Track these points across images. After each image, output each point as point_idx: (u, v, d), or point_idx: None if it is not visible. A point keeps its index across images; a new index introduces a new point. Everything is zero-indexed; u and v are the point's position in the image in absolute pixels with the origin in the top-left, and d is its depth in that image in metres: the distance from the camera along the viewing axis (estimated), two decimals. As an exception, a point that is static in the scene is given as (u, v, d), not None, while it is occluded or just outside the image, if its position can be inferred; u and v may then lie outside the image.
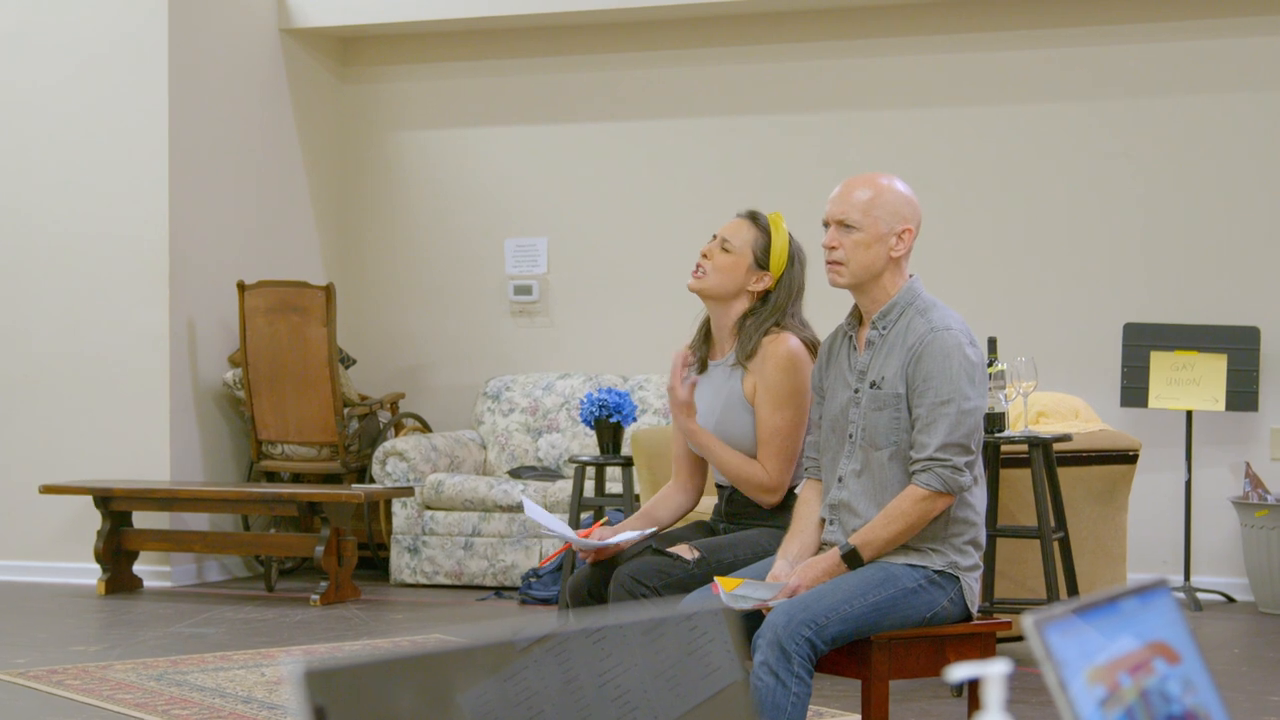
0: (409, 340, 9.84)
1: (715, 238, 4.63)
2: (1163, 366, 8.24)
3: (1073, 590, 6.20)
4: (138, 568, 8.74)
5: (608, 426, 7.43)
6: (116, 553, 8.60)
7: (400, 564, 8.86)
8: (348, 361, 9.41)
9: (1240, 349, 8.19)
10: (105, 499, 8.54)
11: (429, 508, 8.83)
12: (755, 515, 4.57)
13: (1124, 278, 8.58)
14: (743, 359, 4.53)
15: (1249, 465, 8.12)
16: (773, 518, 4.54)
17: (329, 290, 8.89)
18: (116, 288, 8.89)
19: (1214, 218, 8.48)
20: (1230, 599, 8.25)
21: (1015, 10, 8.77)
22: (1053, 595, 6.03)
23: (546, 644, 1.64)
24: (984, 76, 8.83)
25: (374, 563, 9.16)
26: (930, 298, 4.17)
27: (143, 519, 8.75)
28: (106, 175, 8.91)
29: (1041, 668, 1.64)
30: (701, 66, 9.30)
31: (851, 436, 4.15)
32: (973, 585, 4.13)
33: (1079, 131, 8.68)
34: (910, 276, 4.19)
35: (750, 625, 3.99)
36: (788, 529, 4.33)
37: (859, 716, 4.60)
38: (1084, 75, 8.68)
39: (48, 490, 8.59)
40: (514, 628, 1.64)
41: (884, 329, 4.14)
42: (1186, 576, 8.18)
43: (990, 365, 5.98)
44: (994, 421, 5.99)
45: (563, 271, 9.54)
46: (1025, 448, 6.16)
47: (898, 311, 4.14)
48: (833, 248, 4.15)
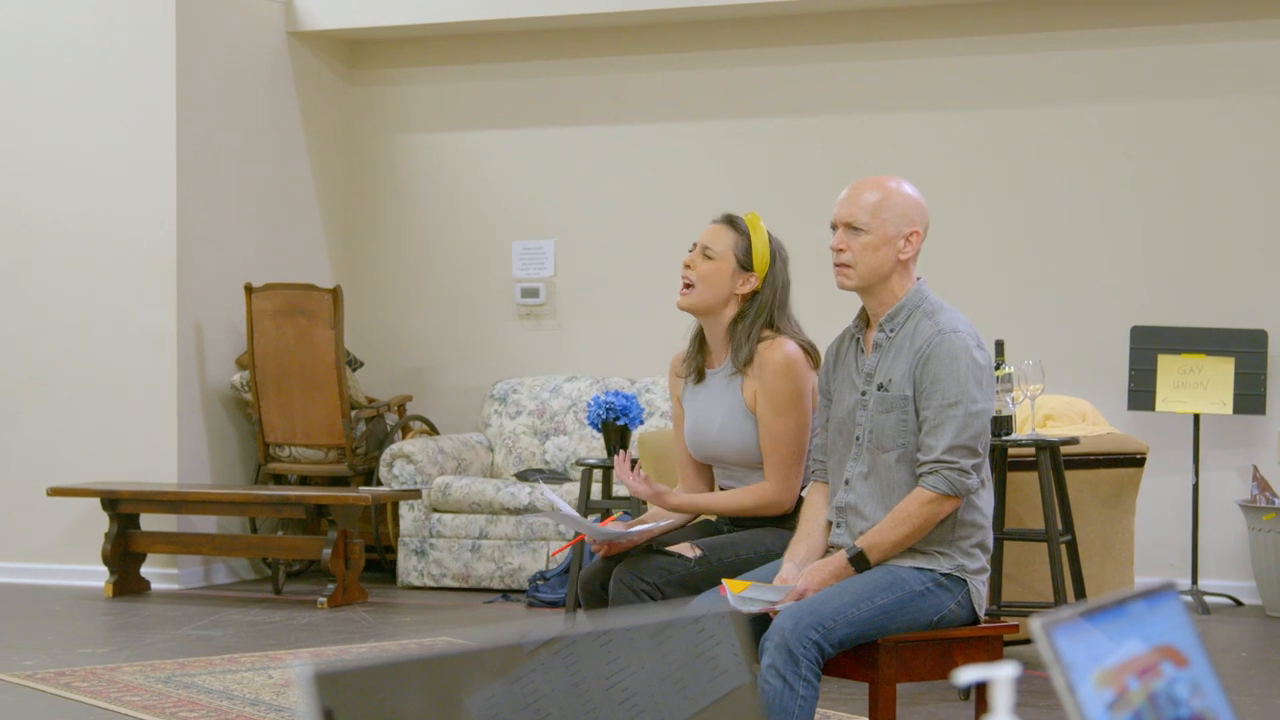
0: (416, 343, 9.85)
1: (695, 246, 4.61)
2: (1170, 370, 8.23)
3: (1080, 593, 6.19)
4: (145, 570, 8.74)
5: (615, 429, 7.43)
6: (124, 555, 8.61)
7: (407, 567, 8.86)
8: (355, 364, 9.41)
9: (1248, 352, 8.18)
10: (113, 501, 8.54)
11: (436, 510, 8.83)
12: (759, 518, 4.57)
13: (1131, 281, 8.57)
14: (740, 366, 4.52)
15: (1256, 468, 8.11)
16: (775, 518, 4.54)
17: (336, 293, 8.90)
18: (124, 290, 8.90)
19: (1222, 221, 8.48)
20: (1238, 602, 8.24)
21: (1020, 14, 8.77)
22: (1060, 598, 6.02)
23: (554, 647, 1.64)
24: (989, 80, 8.83)
25: (381, 565, 9.16)
26: (938, 300, 4.17)
27: (150, 521, 8.76)
28: (114, 178, 8.92)
29: (1049, 671, 1.64)
30: (708, 70, 9.30)
31: (859, 439, 4.15)
32: (980, 588, 4.13)
33: (1086, 135, 8.68)
34: (918, 279, 4.19)
35: (758, 628, 3.98)
36: (791, 528, 4.33)
37: (866, 719, 4.59)
38: (1090, 79, 8.68)
39: (55, 493, 8.60)
40: (521, 630, 1.64)
41: (891, 331, 4.14)
42: (1194, 580, 8.17)
43: (997, 368, 5.97)
44: (1001, 424, 5.99)
45: (570, 274, 9.54)
46: (1032, 451, 6.16)
47: (905, 314, 4.14)
48: (840, 250, 4.15)
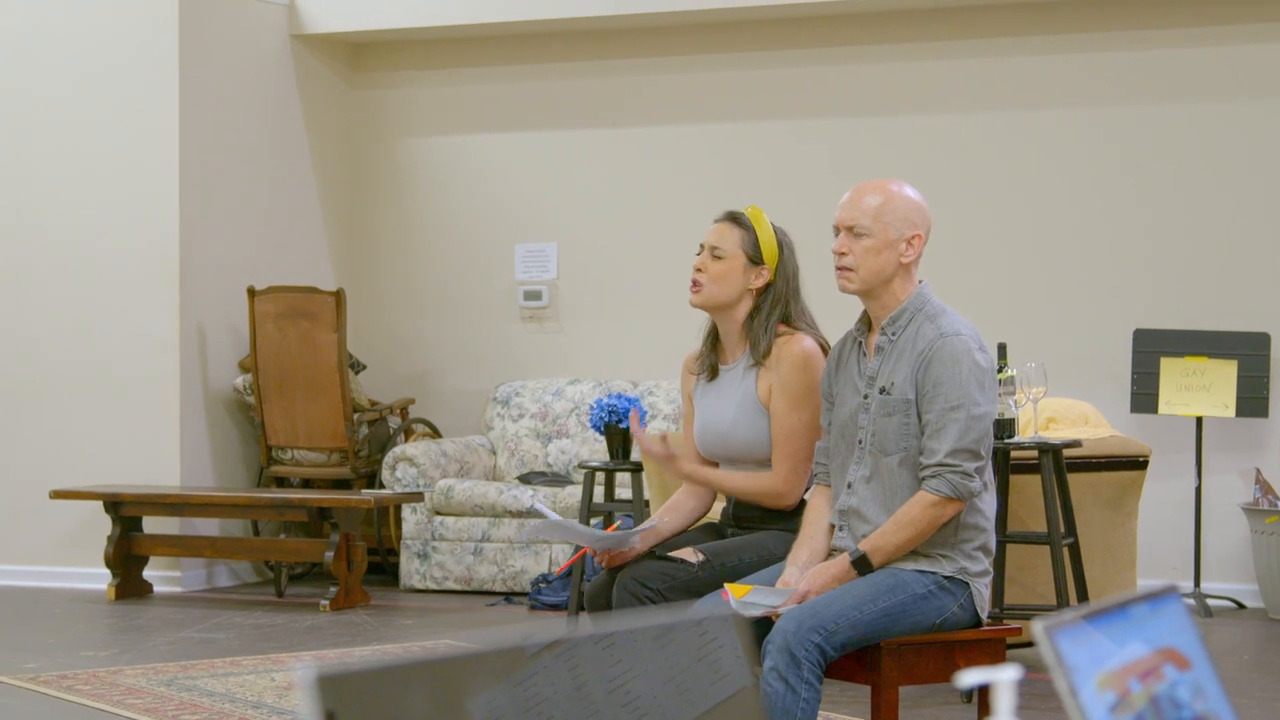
0: (419, 345, 9.85)
1: (703, 248, 4.61)
2: (1173, 372, 8.23)
3: (1083, 596, 6.19)
4: (148, 573, 8.75)
5: (617, 432, 7.43)
6: (126, 558, 8.61)
7: (410, 569, 8.86)
8: (357, 367, 9.41)
9: (1251, 355, 8.18)
10: (115, 504, 8.54)
11: (439, 513, 8.83)
12: (763, 518, 4.56)
13: (1134, 283, 8.57)
14: (758, 359, 4.52)
15: (1259, 471, 8.11)
16: (779, 521, 4.53)
17: (339, 296, 8.90)
18: (127, 293, 8.90)
19: (1225, 223, 8.47)
20: (1240, 605, 8.24)
21: (1023, 17, 8.77)
22: (1063, 601, 6.02)
23: (556, 649, 1.64)
24: (992, 83, 8.83)
25: (384, 568, 9.16)
26: (939, 303, 4.17)
27: (153, 524, 8.76)
28: (117, 181, 8.92)
29: (1052, 674, 1.64)
30: (711, 72, 9.31)
31: (861, 442, 4.15)
32: (982, 591, 4.13)
33: (1089, 138, 8.68)
34: (920, 282, 4.19)
35: (760, 631, 3.98)
36: (794, 532, 4.33)
37: (869, 722, 4.59)
38: (1093, 82, 8.68)
39: (58, 495, 8.60)
40: (524, 633, 1.64)
41: (893, 335, 4.14)
42: (1196, 583, 8.17)
43: (1000, 371, 5.97)
44: (1004, 427, 5.99)
45: (572, 277, 9.54)
46: (1035, 454, 6.16)
47: (907, 317, 4.14)
48: (843, 253, 4.15)
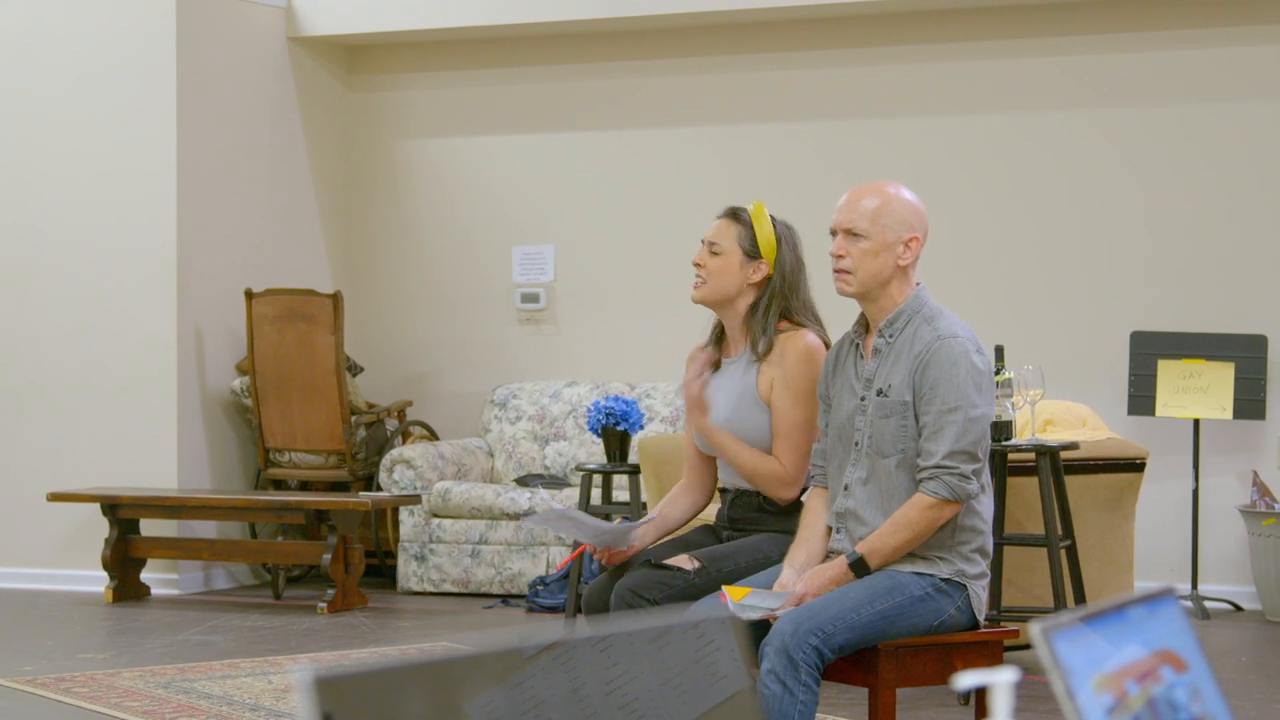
0: (416, 348, 9.85)
1: (703, 244, 4.64)
2: (1170, 375, 8.23)
3: (1080, 598, 6.19)
4: (145, 575, 8.74)
5: (615, 434, 7.43)
6: (124, 560, 8.61)
7: (407, 572, 8.86)
8: (355, 369, 9.41)
9: (1248, 357, 8.18)
10: (113, 507, 8.54)
11: (436, 515, 8.83)
12: (758, 520, 4.56)
13: (1131, 286, 8.57)
14: (760, 355, 4.53)
15: (1256, 474, 8.11)
16: (775, 523, 4.53)
17: (336, 298, 8.90)
18: (124, 296, 8.90)
19: (1221, 226, 8.48)
20: (1237, 607, 8.24)
21: (1021, 19, 8.77)
22: (1060, 603, 6.02)
23: (554, 652, 1.64)
24: (990, 85, 8.83)
25: (381, 570, 9.16)
26: (937, 305, 4.17)
27: (150, 527, 8.76)
28: (114, 183, 8.92)
29: (1049, 676, 1.64)
30: (709, 74, 9.31)
31: (858, 444, 4.15)
32: (980, 593, 4.13)
33: (1086, 139, 8.68)
34: (917, 285, 4.19)
35: (757, 633, 3.98)
36: (789, 534, 4.33)
37: (866, 725, 4.59)
38: (1091, 83, 8.68)
39: (55, 498, 8.59)
40: (521, 635, 1.64)
41: (891, 337, 4.15)
42: (1194, 585, 8.17)
43: (997, 373, 5.97)
44: (1001, 430, 5.99)
45: (570, 279, 9.54)
46: (1032, 456, 6.16)
47: (905, 319, 4.14)
48: (840, 256, 4.15)
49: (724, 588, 4.12)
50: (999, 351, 6.08)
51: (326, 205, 9.87)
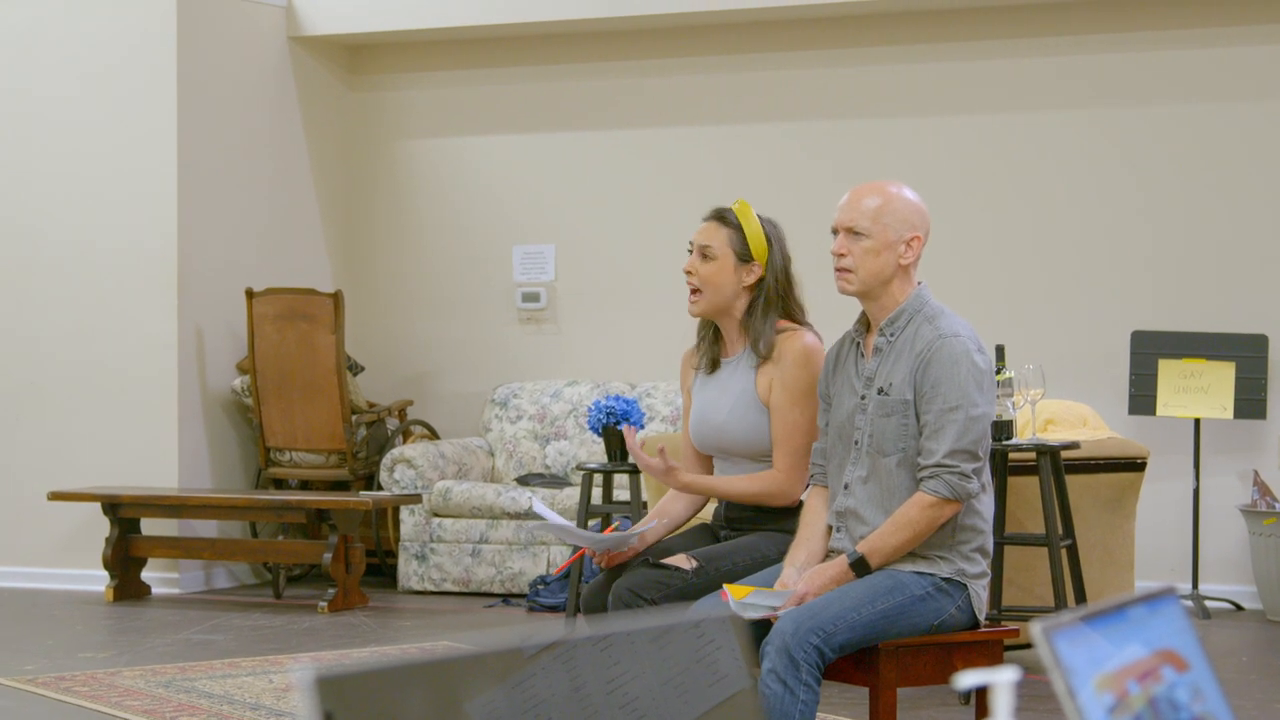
0: (417, 347, 9.85)
1: (692, 249, 4.60)
2: (1171, 374, 8.23)
3: (1081, 598, 6.19)
4: (146, 574, 8.74)
5: (615, 434, 7.43)
6: (124, 559, 8.61)
7: (408, 571, 8.86)
8: (356, 368, 9.41)
9: (1249, 357, 8.18)
10: (113, 506, 8.54)
11: (437, 515, 8.83)
12: (755, 519, 4.56)
13: (1132, 285, 8.57)
14: (762, 355, 4.51)
15: (1257, 473, 8.11)
16: (772, 522, 4.53)
17: (337, 297, 8.90)
18: (125, 295, 8.90)
19: (1222, 225, 8.47)
20: (1238, 607, 8.24)
21: (1021, 19, 8.77)
22: (1061, 603, 6.02)
23: (554, 651, 1.64)
24: (991, 85, 8.83)
25: (382, 570, 9.16)
26: (938, 305, 4.17)
27: (151, 526, 8.76)
28: (115, 183, 8.92)
29: (1050, 675, 1.64)
30: (710, 74, 9.31)
31: (858, 443, 4.15)
32: (980, 593, 4.13)
33: (1087, 139, 8.68)
34: (918, 284, 4.19)
35: (758, 632, 3.98)
36: (787, 533, 4.33)
37: (867, 724, 4.59)
38: (1091, 83, 8.68)
39: (56, 497, 8.60)
40: (522, 635, 1.64)
41: (892, 336, 4.15)
42: (1194, 584, 8.17)
43: (998, 372, 5.97)
44: (1002, 429, 5.99)
45: (570, 279, 9.54)
46: (1033, 455, 6.16)
47: (906, 318, 4.14)
48: (841, 255, 4.15)
49: (725, 586, 4.12)
50: (1000, 351, 6.08)
51: (327, 205, 9.87)
